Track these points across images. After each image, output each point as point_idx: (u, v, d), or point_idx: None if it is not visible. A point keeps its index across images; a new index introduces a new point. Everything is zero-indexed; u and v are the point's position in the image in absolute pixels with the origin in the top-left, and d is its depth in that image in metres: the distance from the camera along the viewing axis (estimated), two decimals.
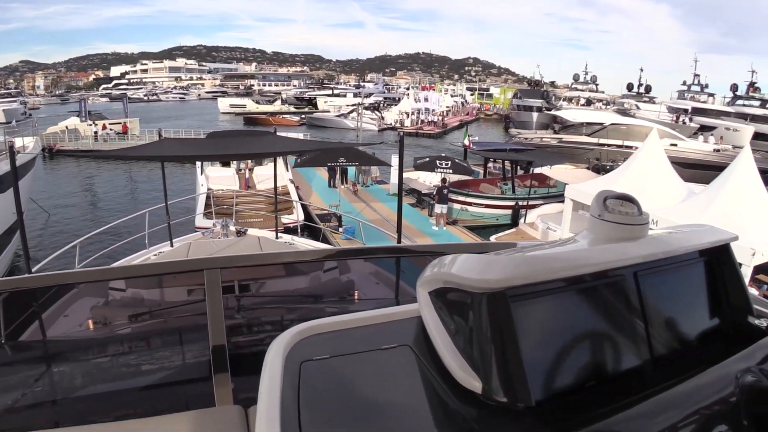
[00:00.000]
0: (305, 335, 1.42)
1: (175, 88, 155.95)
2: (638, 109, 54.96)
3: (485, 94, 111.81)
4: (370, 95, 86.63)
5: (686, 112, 52.84)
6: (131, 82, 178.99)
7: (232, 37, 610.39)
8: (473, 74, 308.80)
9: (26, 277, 2.43)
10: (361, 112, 49.49)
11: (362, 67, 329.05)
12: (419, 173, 24.27)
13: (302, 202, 19.25)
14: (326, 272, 3.77)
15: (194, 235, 9.95)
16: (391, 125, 59.78)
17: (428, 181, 24.15)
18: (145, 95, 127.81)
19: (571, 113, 48.95)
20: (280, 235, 9.36)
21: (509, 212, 21.74)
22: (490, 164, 28.09)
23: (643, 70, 69.54)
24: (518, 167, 24.83)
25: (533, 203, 21.51)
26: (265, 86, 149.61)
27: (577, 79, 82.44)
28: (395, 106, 70.11)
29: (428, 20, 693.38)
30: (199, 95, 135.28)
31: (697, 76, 65.65)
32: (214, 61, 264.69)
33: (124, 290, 3.26)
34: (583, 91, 76.25)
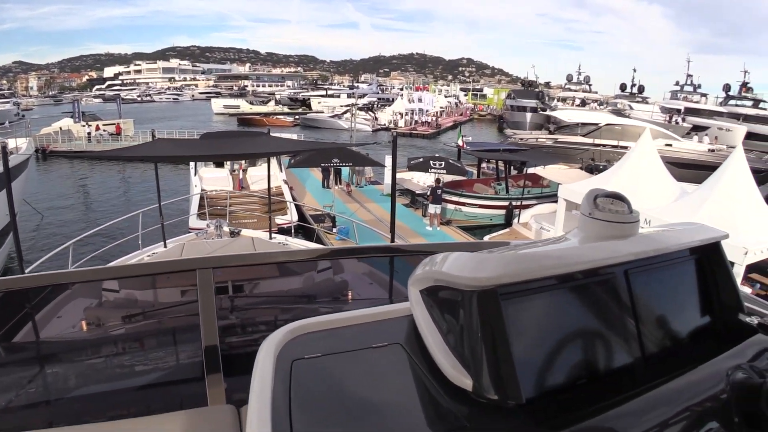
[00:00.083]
0: (296, 334, 1.41)
1: (168, 88, 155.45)
2: (631, 109, 55.04)
3: (479, 94, 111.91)
4: (363, 96, 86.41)
5: (679, 112, 52.95)
6: (125, 82, 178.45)
7: (225, 37, 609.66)
8: (467, 75, 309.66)
9: (18, 277, 2.41)
10: (354, 112, 49.36)
11: (356, 67, 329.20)
12: (413, 174, 24.19)
13: (296, 202, 19.19)
14: (320, 272, 3.77)
15: (188, 235, 9.94)
16: (384, 126, 59.62)
17: (422, 181, 24.05)
18: (138, 96, 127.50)
19: (566, 113, 48.96)
20: (273, 235, 9.37)
21: (503, 212, 21.71)
22: (483, 164, 28.08)
23: (636, 70, 69.73)
24: (512, 167, 24.85)
25: (527, 203, 21.48)
26: (258, 87, 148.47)
27: (570, 79, 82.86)
28: (389, 106, 70.03)
29: (422, 21, 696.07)
30: (192, 96, 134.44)
31: (689, 76, 66.14)
32: (207, 61, 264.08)
33: (117, 291, 3.24)
34: (576, 91, 76.58)
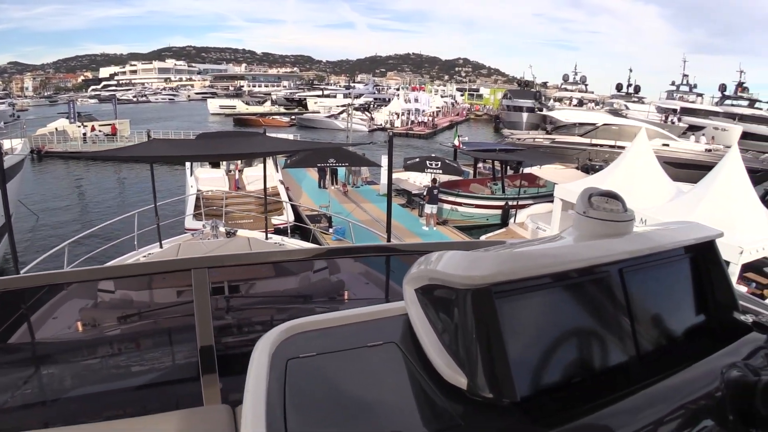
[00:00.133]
0: (292, 333, 1.41)
1: (164, 89, 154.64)
2: (627, 109, 55.21)
3: (475, 94, 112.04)
4: (360, 96, 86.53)
5: (675, 112, 53.13)
6: (120, 83, 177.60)
7: (221, 37, 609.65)
8: (463, 75, 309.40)
9: (14, 277, 2.40)
10: (351, 112, 49.41)
11: (352, 67, 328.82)
12: (409, 174, 24.23)
13: (292, 203, 19.16)
14: (315, 272, 3.76)
15: (184, 236, 9.90)
16: (381, 126, 59.58)
17: (418, 181, 24.09)
18: (134, 96, 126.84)
19: (563, 113, 49.04)
20: (270, 236, 9.34)
21: (499, 212, 21.77)
22: (480, 164, 28.10)
23: (632, 70, 69.96)
24: (508, 167, 24.87)
25: (523, 203, 21.53)
26: (255, 87, 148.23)
27: (566, 79, 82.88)
28: (385, 106, 69.90)
29: (418, 21, 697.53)
30: (188, 96, 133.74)
31: (685, 76, 66.19)
32: (203, 61, 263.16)
33: (113, 292, 3.24)
34: (573, 91, 76.59)
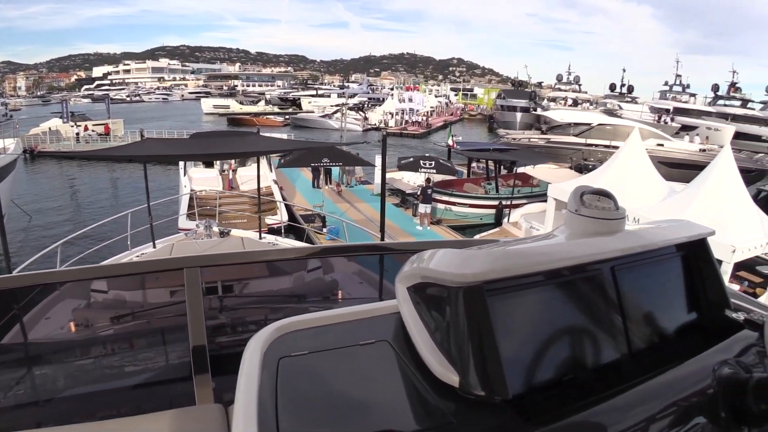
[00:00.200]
0: (284, 332, 1.41)
1: (158, 88, 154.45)
2: (621, 109, 55.43)
3: (469, 94, 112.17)
4: (354, 96, 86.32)
5: (668, 112, 53.33)
6: (114, 82, 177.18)
7: (215, 37, 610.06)
8: (457, 74, 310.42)
9: (6, 277, 2.38)
10: (345, 112, 49.36)
11: (346, 67, 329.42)
12: (403, 173, 24.21)
13: (286, 202, 19.13)
14: (309, 272, 3.75)
15: (177, 236, 9.89)
16: (375, 126, 59.48)
17: (412, 181, 24.10)
18: (127, 96, 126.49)
19: (558, 113, 49.26)
20: (263, 235, 9.34)
21: (493, 212, 21.78)
22: (473, 164, 28.15)
23: (625, 70, 69.91)
24: (502, 167, 24.94)
25: (517, 203, 21.54)
26: (248, 87, 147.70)
27: (560, 79, 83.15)
28: (379, 106, 69.91)
29: (412, 21, 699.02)
30: (182, 96, 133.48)
31: (678, 76, 66.64)
32: (197, 61, 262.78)
33: (105, 291, 3.22)
34: (566, 91, 76.81)
